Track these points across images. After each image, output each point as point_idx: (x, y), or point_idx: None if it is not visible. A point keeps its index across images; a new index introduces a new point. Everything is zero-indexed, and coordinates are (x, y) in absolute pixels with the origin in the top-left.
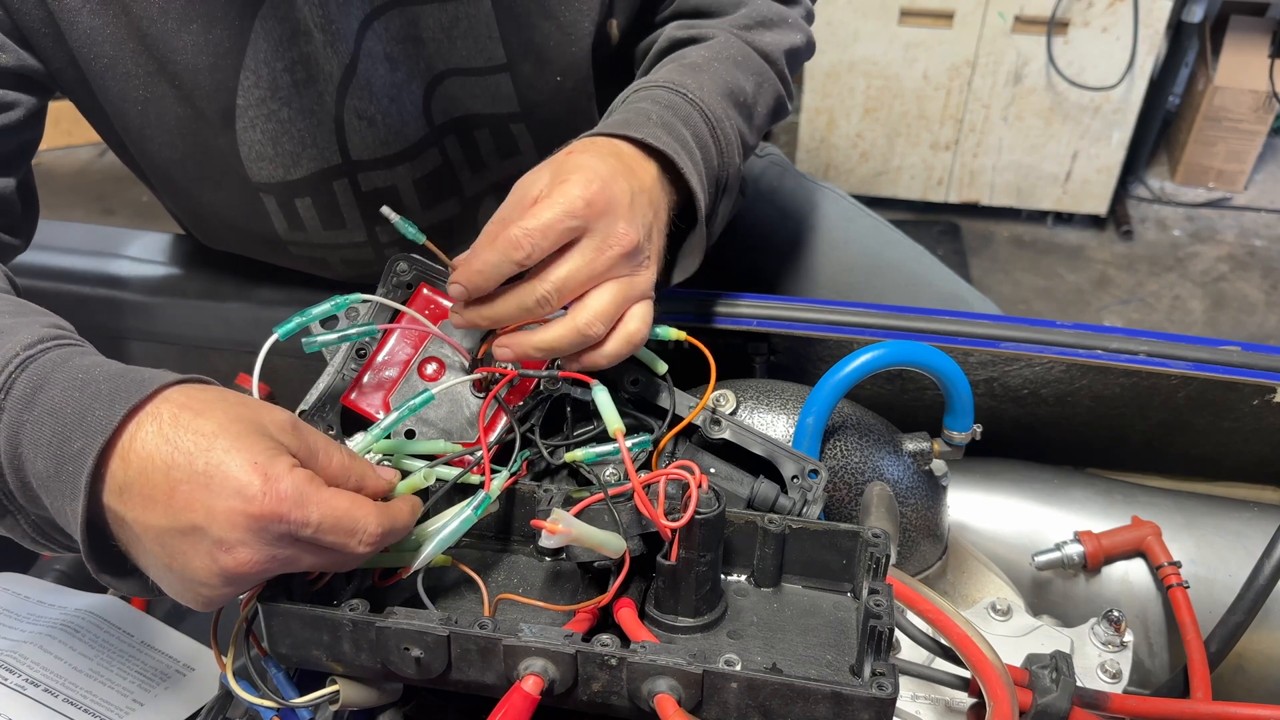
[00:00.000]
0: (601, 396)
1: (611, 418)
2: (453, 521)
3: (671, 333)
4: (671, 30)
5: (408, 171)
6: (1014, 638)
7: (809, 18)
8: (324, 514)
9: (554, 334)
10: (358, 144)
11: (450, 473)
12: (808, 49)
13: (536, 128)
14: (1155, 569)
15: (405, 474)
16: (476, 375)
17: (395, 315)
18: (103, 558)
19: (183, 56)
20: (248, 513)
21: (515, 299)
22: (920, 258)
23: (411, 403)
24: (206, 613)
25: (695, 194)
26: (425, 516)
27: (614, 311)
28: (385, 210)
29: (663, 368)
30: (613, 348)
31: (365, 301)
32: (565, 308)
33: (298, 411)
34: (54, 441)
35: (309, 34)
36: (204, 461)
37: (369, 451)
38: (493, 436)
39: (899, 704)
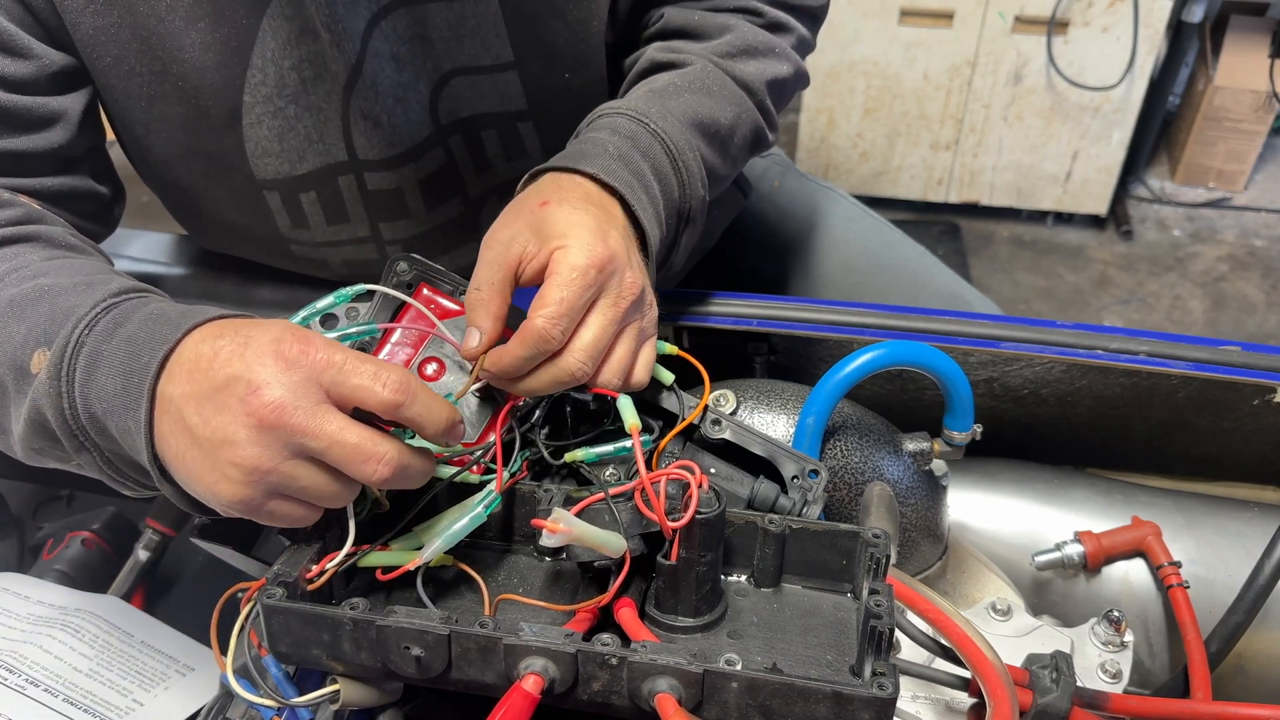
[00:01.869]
0: (623, 400)
1: (630, 416)
2: (462, 518)
3: (665, 347)
4: (652, 52)
5: (412, 173)
6: (1014, 638)
7: (803, 46)
8: (348, 371)
9: (557, 377)
10: (363, 144)
11: (449, 471)
12: (796, 80)
13: (544, 126)
14: (1155, 569)
15: None
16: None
17: (395, 315)
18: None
19: (189, 55)
20: (278, 350)
21: (549, 376)
22: (921, 258)
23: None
24: (207, 609)
25: (647, 232)
26: (425, 515)
27: (630, 362)
28: None
29: (669, 378)
30: (617, 388)
31: (370, 292)
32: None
33: None
34: (126, 360)
35: (316, 33)
36: (246, 333)
37: None
38: (493, 436)
39: (899, 704)
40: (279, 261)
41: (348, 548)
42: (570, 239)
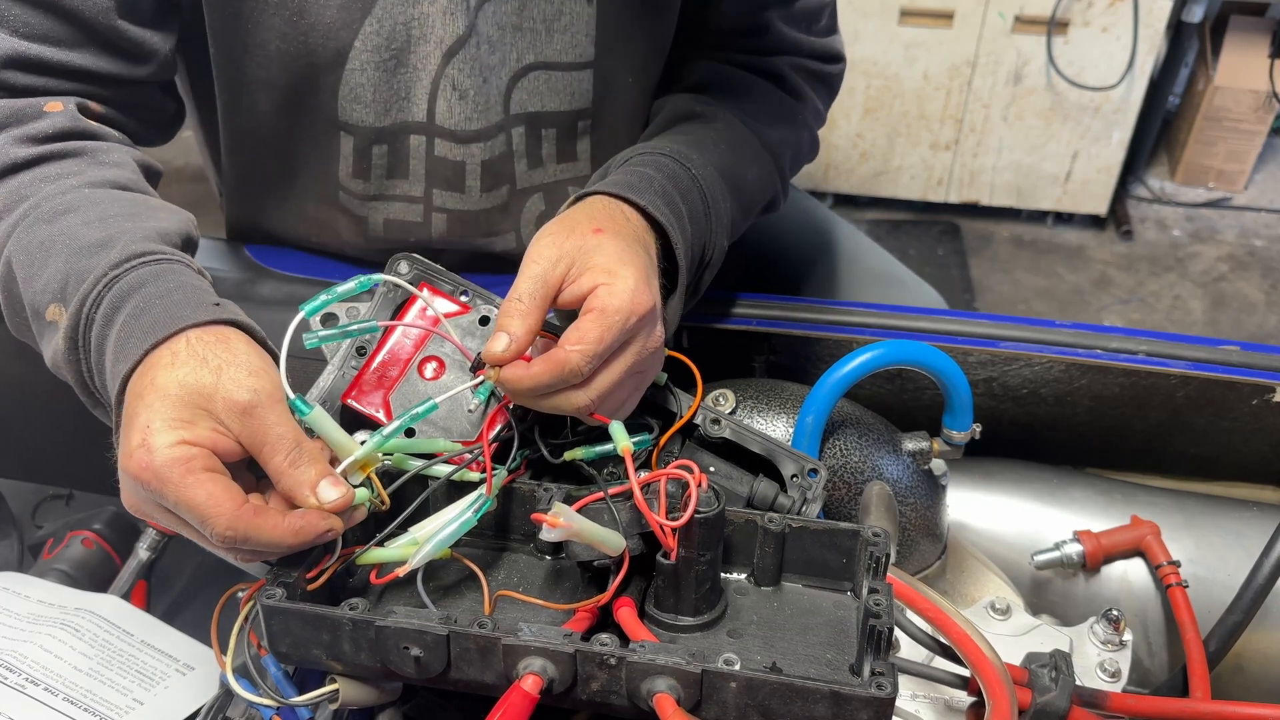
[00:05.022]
0: (615, 425)
1: (622, 439)
2: (450, 525)
3: None
4: (684, 100)
5: (479, 151)
6: (1013, 637)
7: (816, 118)
8: (179, 499)
9: (560, 404)
10: (444, 112)
11: (446, 470)
12: (810, 149)
13: (599, 127)
14: (1154, 568)
15: (402, 472)
16: (479, 379)
17: (395, 314)
18: None
19: None
20: (123, 464)
21: (556, 402)
22: (853, 236)
23: (415, 410)
24: (207, 609)
25: (681, 270)
26: (423, 514)
27: (631, 403)
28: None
29: (662, 378)
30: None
31: (387, 283)
32: None
33: None
34: (116, 351)
35: None
36: (134, 406)
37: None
38: (491, 434)
39: (899, 703)
40: (319, 210)
41: (340, 550)
42: (618, 278)
